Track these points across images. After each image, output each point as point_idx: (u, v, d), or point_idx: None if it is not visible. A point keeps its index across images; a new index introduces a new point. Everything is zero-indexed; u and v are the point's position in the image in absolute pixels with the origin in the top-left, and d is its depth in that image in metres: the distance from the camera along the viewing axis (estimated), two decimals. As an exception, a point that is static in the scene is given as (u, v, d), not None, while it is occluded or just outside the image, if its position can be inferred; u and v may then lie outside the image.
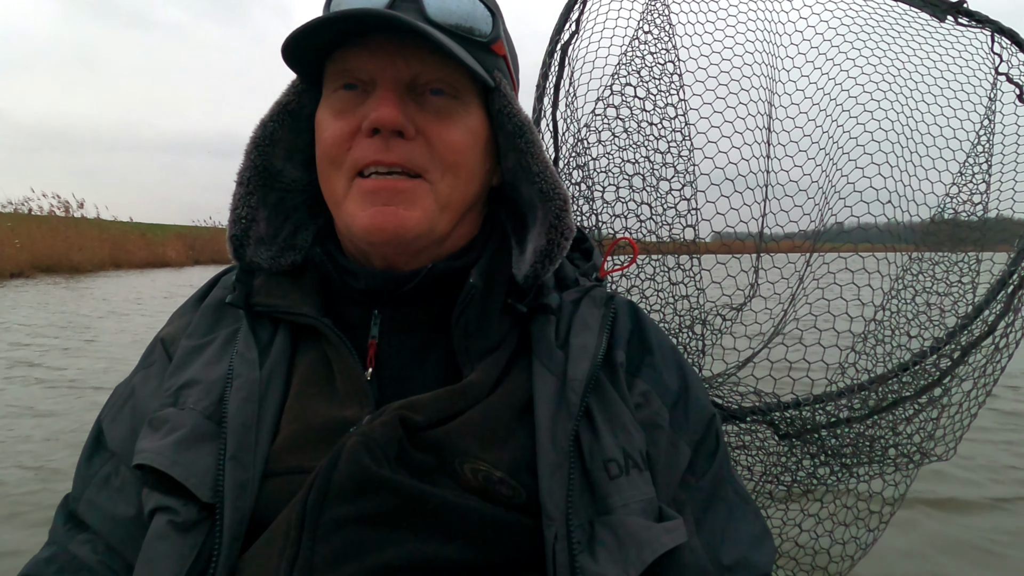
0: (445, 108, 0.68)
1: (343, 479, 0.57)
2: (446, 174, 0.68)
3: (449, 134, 0.67)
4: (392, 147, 0.65)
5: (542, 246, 0.72)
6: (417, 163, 0.66)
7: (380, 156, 0.65)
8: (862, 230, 1.20)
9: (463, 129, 0.69)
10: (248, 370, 0.66)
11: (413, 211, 0.66)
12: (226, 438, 0.62)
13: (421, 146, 0.66)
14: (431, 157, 0.67)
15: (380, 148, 0.65)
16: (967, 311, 1.17)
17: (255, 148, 0.73)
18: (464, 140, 0.69)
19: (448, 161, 0.67)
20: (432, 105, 0.67)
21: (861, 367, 1.23)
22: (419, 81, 0.66)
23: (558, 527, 0.59)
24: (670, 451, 0.68)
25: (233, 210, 0.73)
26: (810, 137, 1.24)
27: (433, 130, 0.67)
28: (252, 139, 0.73)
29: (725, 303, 1.30)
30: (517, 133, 0.71)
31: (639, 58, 1.27)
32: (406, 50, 0.65)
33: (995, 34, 1.19)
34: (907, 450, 1.23)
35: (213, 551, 0.58)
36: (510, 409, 0.66)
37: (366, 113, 0.65)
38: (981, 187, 1.22)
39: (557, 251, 0.72)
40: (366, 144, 0.65)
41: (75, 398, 4.37)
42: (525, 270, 0.72)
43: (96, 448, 0.71)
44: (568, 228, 0.72)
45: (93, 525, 0.66)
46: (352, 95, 0.67)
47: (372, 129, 0.65)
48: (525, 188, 0.75)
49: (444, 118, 0.67)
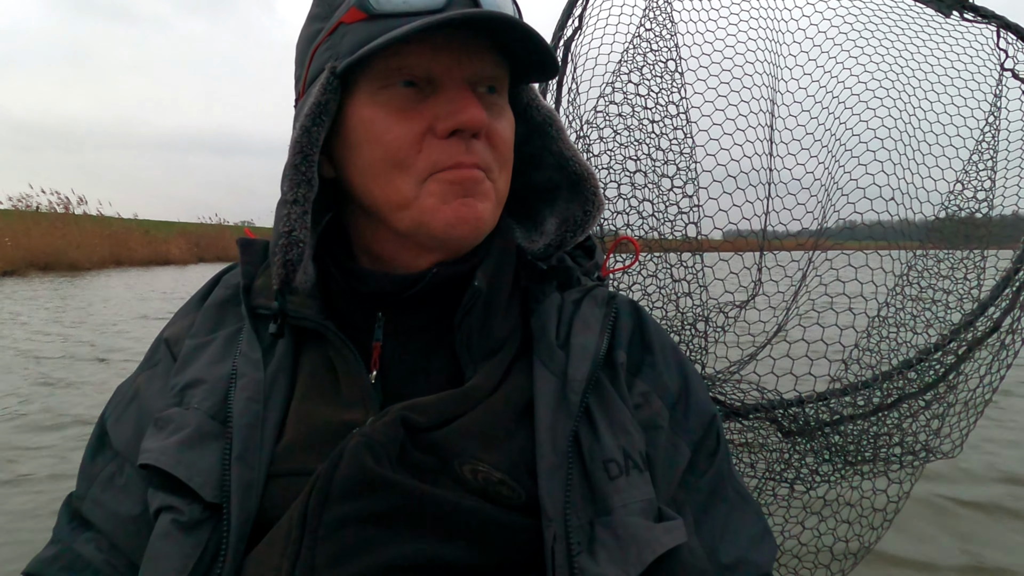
0: (497, 105, 0.69)
1: (345, 479, 0.57)
2: (503, 171, 0.70)
3: (504, 131, 0.69)
4: (472, 148, 0.65)
5: (577, 215, 0.77)
6: (487, 162, 0.67)
7: (462, 158, 0.64)
8: (866, 227, 1.19)
9: (510, 125, 0.70)
10: (252, 370, 0.67)
11: (486, 204, 0.67)
12: (231, 438, 0.62)
13: (485, 144, 0.67)
14: (493, 155, 0.68)
15: (461, 150, 0.64)
16: (972, 308, 1.16)
17: (303, 159, 0.66)
18: (511, 135, 0.70)
19: (505, 157, 0.69)
20: (488, 102, 0.67)
21: (865, 364, 1.23)
22: (476, 78, 0.66)
23: (557, 527, 0.59)
24: (670, 451, 0.68)
25: (288, 232, 0.66)
26: (813, 135, 1.23)
27: (494, 127, 0.67)
28: (297, 148, 0.66)
29: (728, 300, 1.30)
30: (547, 123, 0.76)
31: (641, 55, 1.27)
32: (469, 48, 0.64)
33: (1001, 29, 1.18)
34: (912, 447, 1.23)
35: (219, 550, 0.58)
36: (511, 410, 0.66)
37: (437, 114, 0.64)
38: (986, 183, 1.21)
39: (592, 221, 0.77)
40: (442, 146, 0.64)
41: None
42: (547, 240, 0.76)
43: (100, 447, 0.72)
44: (602, 202, 0.78)
45: (97, 524, 0.66)
46: (412, 92, 0.65)
47: (450, 131, 0.64)
48: (540, 174, 0.78)
49: (498, 115, 0.68)
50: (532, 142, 0.78)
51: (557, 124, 0.76)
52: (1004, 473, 3.03)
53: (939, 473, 2.84)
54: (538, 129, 0.76)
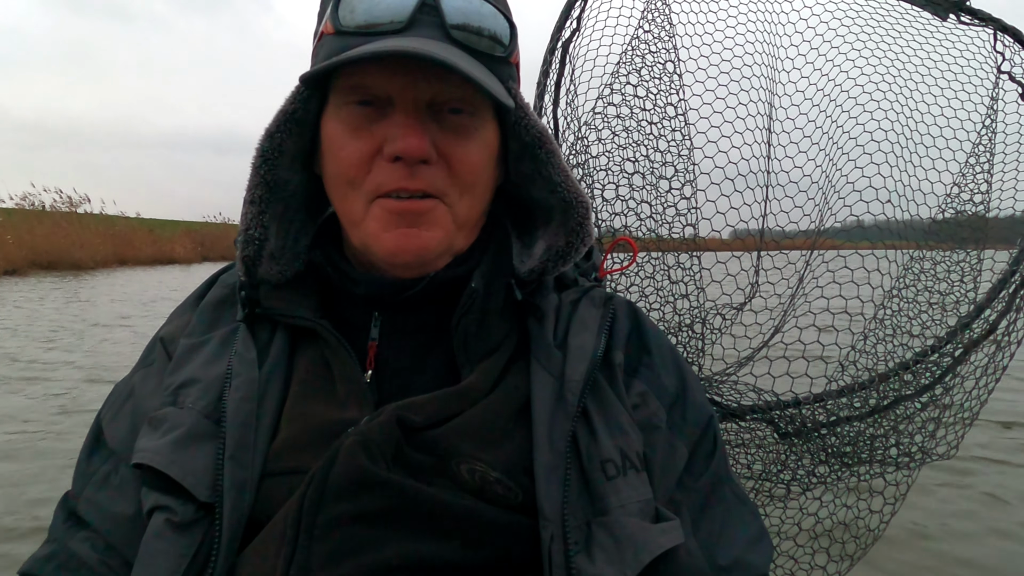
0: (464, 127, 0.67)
1: (340, 478, 0.57)
2: (464, 194, 0.68)
3: (468, 155, 0.67)
4: (416, 174, 0.64)
5: (559, 246, 0.73)
6: (439, 187, 0.65)
7: (404, 184, 0.64)
8: (863, 228, 1.20)
9: (480, 146, 0.68)
10: (247, 370, 0.67)
11: (434, 232, 0.66)
12: (225, 437, 0.62)
13: (441, 168, 0.65)
14: (451, 180, 0.66)
15: (404, 176, 0.64)
16: (969, 310, 1.16)
17: (264, 162, 0.70)
18: (481, 158, 0.68)
19: (467, 182, 0.67)
20: (451, 124, 0.66)
21: (862, 365, 1.23)
22: (438, 100, 0.65)
23: (554, 528, 0.59)
24: (667, 452, 0.68)
25: (245, 230, 0.71)
26: (810, 138, 1.23)
27: (453, 152, 0.66)
28: (259, 152, 0.70)
29: (725, 302, 1.30)
30: (536, 144, 0.72)
31: (639, 57, 1.27)
32: (426, 69, 0.63)
33: (997, 32, 1.18)
34: (908, 449, 1.23)
35: (212, 550, 0.58)
36: (508, 410, 0.66)
37: (386, 136, 0.64)
38: (983, 186, 1.21)
39: (574, 253, 0.73)
40: (388, 170, 0.64)
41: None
42: (532, 265, 0.72)
43: (96, 446, 0.71)
44: (588, 234, 0.73)
45: (92, 523, 0.66)
46: (368, 111, 0.65)
47: (393, 156, 0.63)
48: (538, 191, 0.75)
49: (463, 138, 0.66)
50: (525, 160, 0.74)
51: (548, 146, 0.72)
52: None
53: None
54: (527, 149, 0.72)
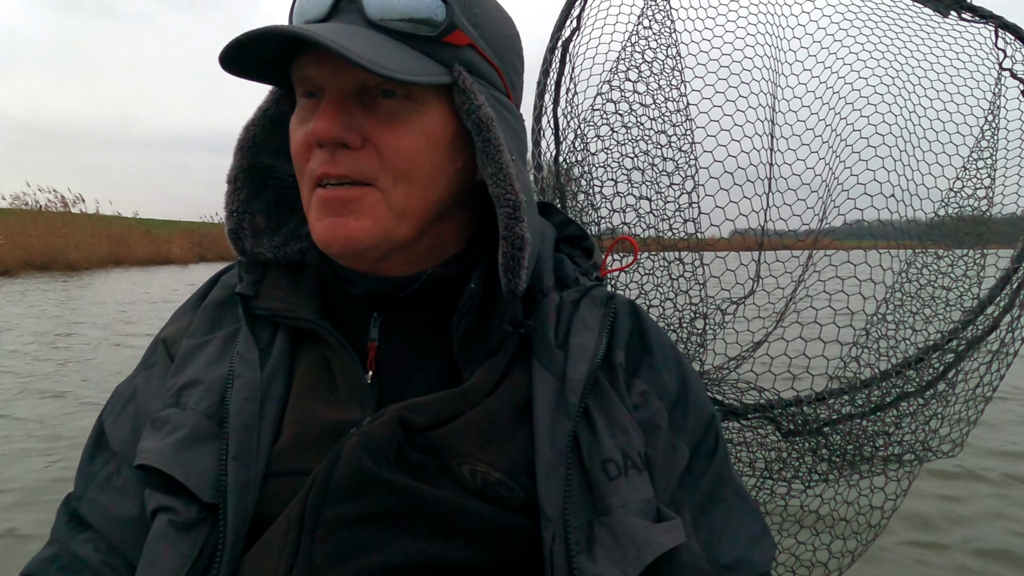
0: (395, 112, 0.64)
1: (342, 479, 0.57)
2: (398, 181, 0.64)
3: (398, 140, 0.64)
4: (337, 159, 0.63)
5: (502, 261, 0.66)
6: (364, 172, 0.63)
7: (327, 168, 0.63)
8: (865, 224, 1.19)
9: (415, 132, 0.64)
10: (249, 370, 0.67)
11: (363, 220, 0.64)
12: (228, 438, 0.62)
13: (369, 154, 0.63)
14: (380, 165, 0.64)
15: (327, 160, 0.63)
16: (972, 306, 1.16)
17: (239, 150, 0.74)
18: (416, 144, 0.64)
19: (399, 168, 0.64)
20: (382, 109, 0.64)
21: (864, 362, 1.22)
22: (368, 85, 0.63)
23: (556, 528, 0.59)
24: (669, 451, 0.68)
25: (226, 206, 0.74)
26: (813, 131, 1.23)
27: (381, 137, 0.63)
28: (237, 141, 0.74)
29: (725, 298, 1.30)
30: (475, 130, 0.65)
31: (639, 53, 1.27)
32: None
33: (999, 29, 1.18)
34: (911, 446, 1.23)
35: (216, 551, 0.58)
36: (509, 410, 0.66)
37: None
38: (986, 182, 1.21)
39: (515, 264, 0.65)
40: (317, 155, 0.64)
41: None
42: (503, 283, 0.67)
43: (98, 448, 0.71)
44: (519, 238, 0.65)
45: (95, 524, 0.66)
46: (311, 103, 0.66)
47: (316, 141, 0.63)
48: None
49: (394, 122, 0.64)
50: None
51: (486, 134, 0.65)
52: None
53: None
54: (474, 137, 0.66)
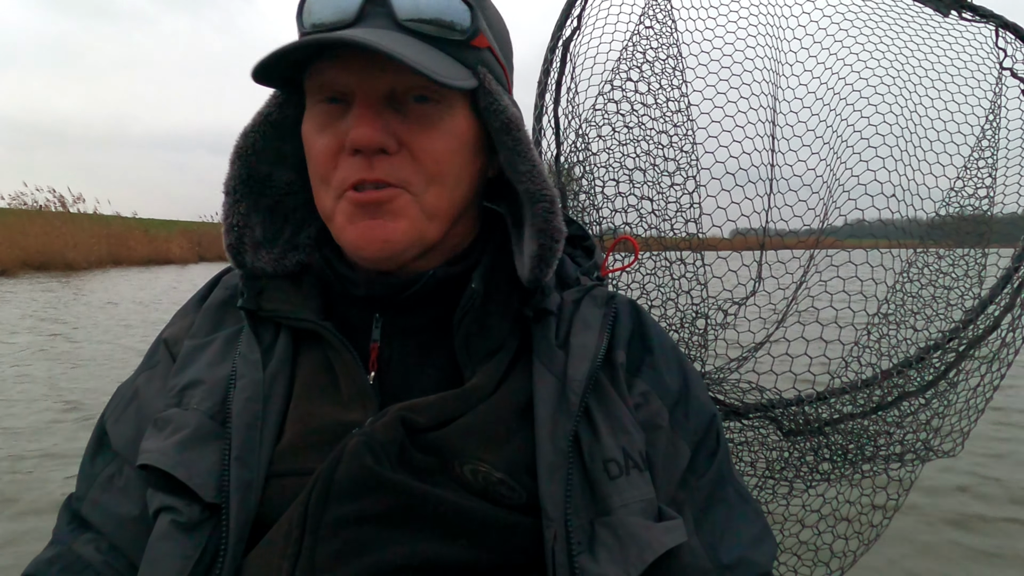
0: (428, 115, 0.65)
1: (345, 479, 0.58)
2: (431, 184, 0.66)
3: (432, 143, 0.65)
4: (375, 165, 0.63)
5: (534, 251, 0.69)
6: (401, 176, 0.64)
7: (363, 175, 0.63)
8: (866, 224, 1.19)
9: (447, 135, 0.66)
10: (251, 371, 0.67)
11: (399, 222, 0.65)
12: (230, 438, 0.62)
13: (404, 158, 0.64)
14: (415, 169, 0.65)
15: (363, 167, 0.63)
16: (973, 305, 1.16)
17: (238, 158, 0.72)
18: (448, 146, 0.66)
19: (432, 172, 0.65)
20: (415, 113, 0.65)
21: (865, 362, 1.23)
22: (398, 90, 0.64)
23: (557, 527, 0.59)
24: (670, 451, 0.68)
25: (225, 219, 0.72)
26: (814, 132, 1.23)
27: (416, 141, 0.65)
28: (235, 149, 0.72)
29: (727, 298, 1.30)
30: (504, 130, 0.68)
31: (640, 53, 1.27)
32: (382, 61, 0.62)
33: (999, 29, 1.18)
34: (912, 446, 1.23)
35: (218, 551, 0.58)
36: (511, 410, 0.66)
37: (347, 130, 0.64)
38: (987, 181, 1.21)
39: (550, 255, 0.69)
40: (349, 163, 0.64)
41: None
42: (526, 274, 0.70)
43: (99, 448, 0.72)
44: (557, 231, 0.69)
45: (97, 525, 0.66)
46: (334, 108, 0.65)
47: (352, 149, 0.63)
48: (516, 185, 0.73)
49: (427, 127, 0.65)
50: (502, 150, 0.71)
51: (515, 133, 0.68)
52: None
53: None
54: (498, 136, 0.69)
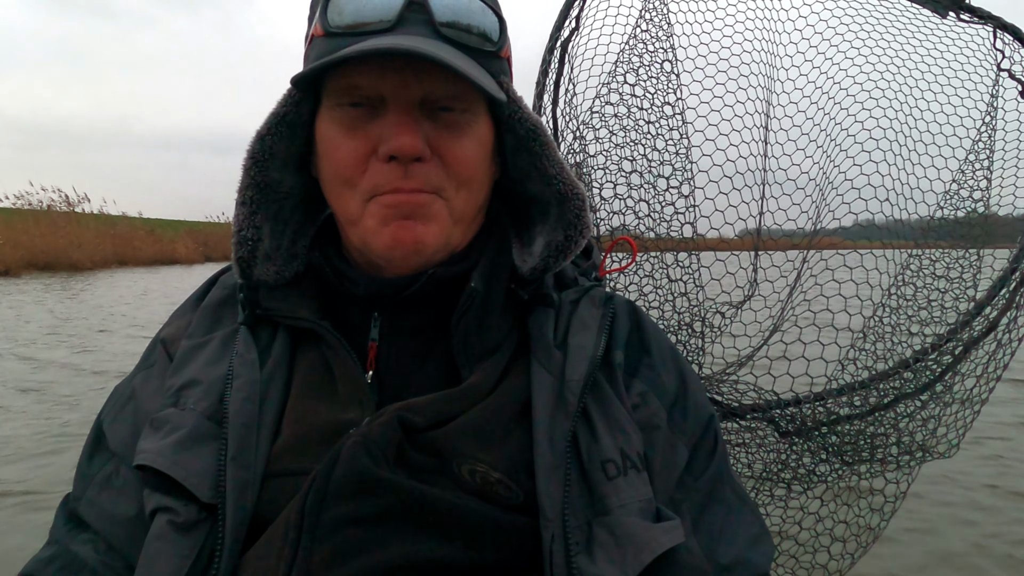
0: (457, 124, 0.66)
1: (342, 479, 0.57)
2: (460, 189, 0.67)
3: (463, 150, 0.67)
4: (411, 173, 0.64)
5: (559, 241, 0.73)
6: (434, 183, 0.65)
7: (399, 183, 0.64)
8: (861, 227, 1.20)
9: (474, 142, 0.68)
10: (248, 371, 0.67)
11: (431, 226, 0.66)
12: (227, 438, 0.62)
13: (436, 165, 0.65)
14: (446, 175, 0.66)
15: (399, 175, 0.64)
16: (969, 307, 1.16)
17: (254, 164, 0.71)
18: (476, 153, 0.68)
19: (463, 177, 0.67)
20: (444, 121, 0.66)
21: (861, 364, 1.23)
22: (430, 98, 0.65)
23: (555, 528, 0.59)
24: (668, 452, 0.69)
25: (238, 231, 0.72)
26: (808, 135, 1.23)
27: (447, 148, 0.66)
28: (250, 154, 0.70)
29: (724, 300, 1.30)
30: (531, 137, 0.72)
31: (637, 56, 1.27)
32: (416, 67, 0.63)
33: (997, 30, 1.18)
34: (909, 447, 1.23)
35: (215, 551, 0.58)
36: (509, 410, 0.66)
37: (381, 136, 0.64)
38: (983, 183, 1.21)
39: (574, 247, 0.73)
40: (383, 170, 0.64)
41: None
42: (533, 263, 0.72)
43: (96, 448, 0.72)
44: (587, 226, 0.74)
45: (94, 525, 0.66)
46: (361, 112, 0.65)
47: (388, 156, 0.63)
48: (535, 186, 0.75)
49: (457, 134, 0.66)
50: (521, 154, 0.74)
51: (543, 138, 0.72)
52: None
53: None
54: (522, 143, 0.72)
